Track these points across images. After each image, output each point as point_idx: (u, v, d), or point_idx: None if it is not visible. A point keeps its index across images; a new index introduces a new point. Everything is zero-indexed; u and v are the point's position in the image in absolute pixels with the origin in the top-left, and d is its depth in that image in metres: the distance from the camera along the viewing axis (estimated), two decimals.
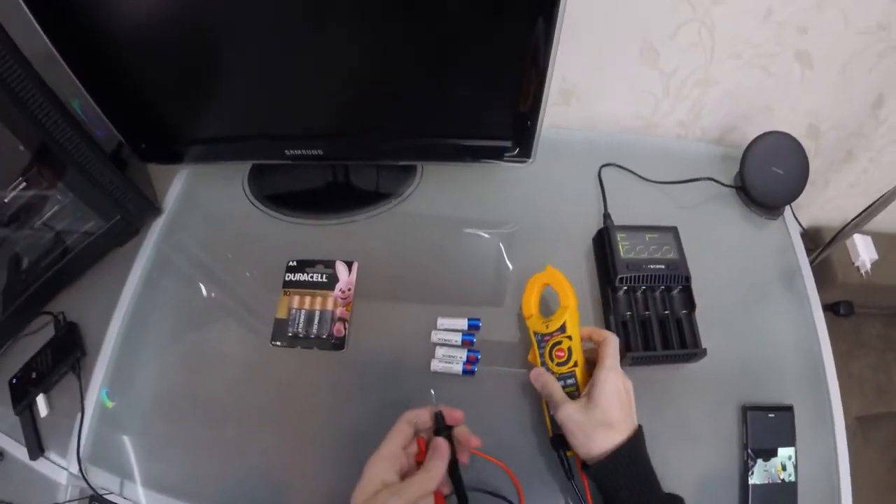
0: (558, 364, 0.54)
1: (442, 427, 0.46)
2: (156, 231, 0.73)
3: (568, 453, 0.53)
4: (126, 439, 0.59)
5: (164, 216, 0.75)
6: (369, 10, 0.52)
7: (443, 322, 0.62)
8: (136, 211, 0.70)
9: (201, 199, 0.77)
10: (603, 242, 0.64)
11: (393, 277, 0.67)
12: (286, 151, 0.66)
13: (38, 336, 0.66)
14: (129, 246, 0.72)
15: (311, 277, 0.67)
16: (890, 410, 1.03)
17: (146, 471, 0.57)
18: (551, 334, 0.55)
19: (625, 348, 0.60)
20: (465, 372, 0.60)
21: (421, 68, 0.58)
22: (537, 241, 0.70)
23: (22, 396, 0.61)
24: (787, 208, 0.78)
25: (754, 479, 0.57)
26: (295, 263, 0.68)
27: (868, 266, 1.02)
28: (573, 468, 0.53)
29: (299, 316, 0.65)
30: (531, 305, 0.60)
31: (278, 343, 0.64)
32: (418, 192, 0.75)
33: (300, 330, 0.64)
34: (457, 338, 0.61)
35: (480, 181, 0.75)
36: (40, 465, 0.59)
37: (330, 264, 0.67)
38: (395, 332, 0.64)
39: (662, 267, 0.62)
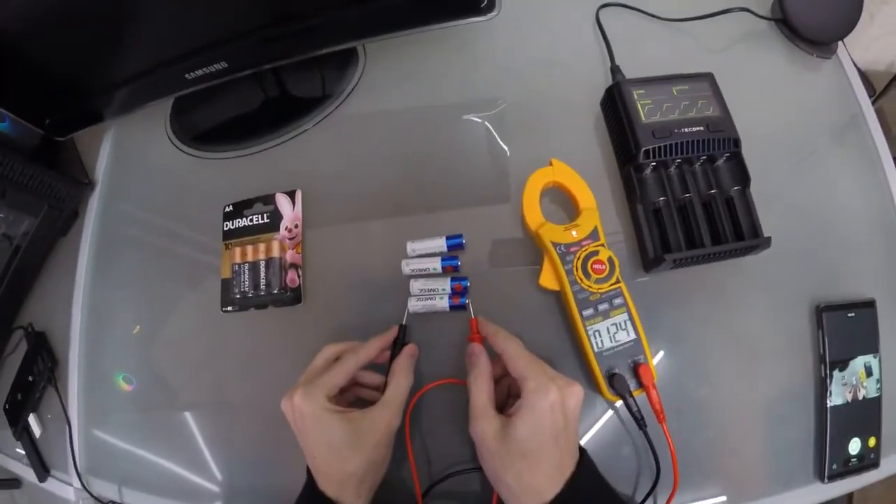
0: (598, 280, 0.38)
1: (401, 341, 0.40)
2: (93, 208, 0.58)
3: (635, 392, 0.37)
4: (118, 442, 0.50)
5: (98, 190, 0.59)
6: None
7: (414, 247, 0.44)
8: (66, 194, 0.56)
9: (130, 160, 0.61)
10: (615, 105, 0.43)
11: (346, 200, 0.49)
12: (186, 76, 0.48)
13: (18, 354, 0.55)
14: (74, 232, 0.58)
15: (251, 221, 0.49)
16: None
17: (143, 473, 0.48)
18: (580, 244, 0.39)
19: (661, 248, 0.41)
20: (453, 307, 0.42)
21: None
22: (528, 121, 0.49)
23: (16, 420, 0.52)
24: (840, 45, 0.56)
25: (833, 400, 0.40)
26: (231, 208, 0.50)
27: None
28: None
29: (243, 272, 0.48)
30: (537, 211, 0.42)
31: (230, 308, 0.48)
32: (363, 84, 0.54)
33: (248, 288, 0.47)
34: (435, 264, 0.43)
35: (442, 55, 0.53)
36: (51, 486, 0.52)
37: (269, 199, 0.49)
38: (360, 271, 0.46)
39: (701, 129, 0.42)
